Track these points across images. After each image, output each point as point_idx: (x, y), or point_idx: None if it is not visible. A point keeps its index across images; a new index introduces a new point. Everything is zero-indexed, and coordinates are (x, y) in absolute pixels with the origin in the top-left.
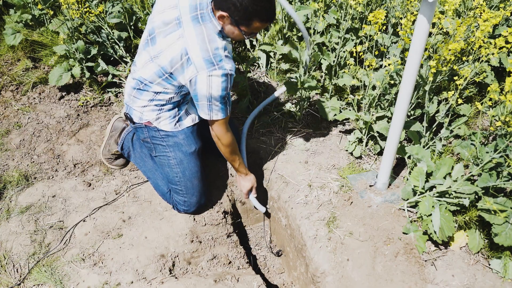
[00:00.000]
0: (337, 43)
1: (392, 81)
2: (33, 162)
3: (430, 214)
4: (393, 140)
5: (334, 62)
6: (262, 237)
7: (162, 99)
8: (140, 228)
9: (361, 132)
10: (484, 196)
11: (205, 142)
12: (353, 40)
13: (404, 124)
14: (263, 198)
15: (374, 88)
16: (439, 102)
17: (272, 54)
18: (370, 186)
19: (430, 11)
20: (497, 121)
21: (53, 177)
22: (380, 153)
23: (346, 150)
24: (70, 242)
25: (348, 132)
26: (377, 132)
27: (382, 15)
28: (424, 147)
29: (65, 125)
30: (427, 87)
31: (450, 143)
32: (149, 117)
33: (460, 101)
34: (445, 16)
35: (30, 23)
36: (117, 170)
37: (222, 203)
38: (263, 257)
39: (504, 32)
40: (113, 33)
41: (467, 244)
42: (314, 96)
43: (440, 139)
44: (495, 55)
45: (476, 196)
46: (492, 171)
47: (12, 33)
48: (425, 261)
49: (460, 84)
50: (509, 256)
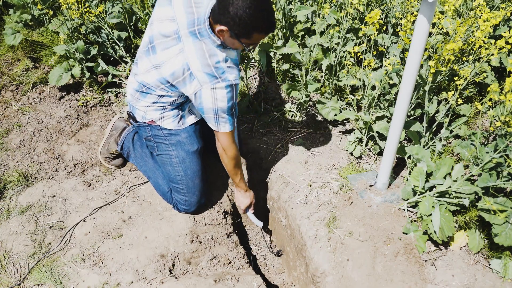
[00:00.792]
0: (337, 43)
1: (392, 81)
2: (33, 162)
3: (430, 214)
4: (393, 140)
5: (334, 62)
6: (262, 237)
7: (166, 102)
8: (140, 228)
9: (361, 132)
10: (484, 196)
11: (206, 142)
12: (353, 40)
13: (404, 124)
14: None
15: (374, 88)
16: (439, 102)
17: (272, 54)
18: (370, 186)
19: (430, 11)
20: (497, 121)
21: (53, 177)
22: (380, 153)
23: (346, 150)
24: (70, 242)
25: (348, 132)
26: (377, 132)
27: (377, 15)
28: (424, 147)
29: (65, 125)
30: (427, 87)
31: (450, 143)
32: (153, 116)
33: (460, 101)
34: (445, 16)
35: (30, 23)
36: (117, 170)
37: (222, 203)
38: (263, 257)
39: (505, 33)
40: (113, 33)
41: (467, 244)
42: (314, 96)
43: (440, 139)
44: (495, 56)
45: (476, 196)
46: (492, 171)
47: (12, 33)
48: (425, 261)
49: (460, 84)
50: (509, 256)
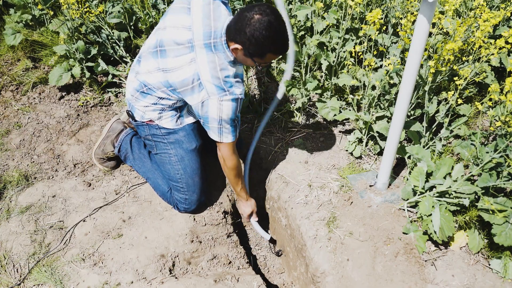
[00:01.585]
0: (337, 43)
1: (392, 81)
2: (33, 162)
3: (430, 214)
4: (393, 140)
5: (334, 62)
6: (262, 237)
7: (165, 104)
8: (140, 228)
9: (361, 132)
10: (484, 196)
11: (206, 141)
12: (353, 40)
13: (404, 124)
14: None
15: (374, 88)
16: (439, 102)
17: None
18: (370, 186)
19: (430, 11)
20: (497, 121)
21: (53, 177)
22: (380, 153)
23: (346, 150)
24: (70, 242)
25: (348, 132)
26: (377, 132)
27: (378, 14)
28: (424, 147)
29: (65, 125)
30: (427, 87)
31: (450, 143)
32: (151, 116)
33: (460, 101)
34: (445, 16)
35: (30, 23)
36: (117, 170)
37: (222, 203)
38: (263, 257)
39: (505, 33)
40: (113, 33)
41: (467, 244)
42: (314, 96)
43: (440, 139)
44: (495, 55)
45: (476, 196)
46: (492, 171)
47: (12, 33)
48: (425, 261)
49: (460, 84)
50: (509, 256)
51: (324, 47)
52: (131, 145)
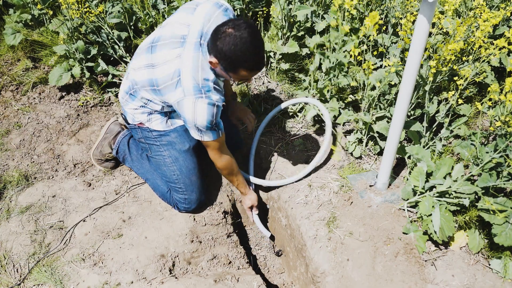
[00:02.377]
0: (337, 44)
1: (392, 82)
2: (33, 162)
3: (430, 214)
4: (393, 140)
5: (334, 63)
6: (263, 237)
7: (152, 108)
8: (140, 228)
9: (361, 133)
10: (484, 196)
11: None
12: (353, 41)
13: (404, 124)
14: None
15: (374, 89)
16: (439, 102)
17: (272, 54)
18: (370, 186)
19: (430, 11)
20: (497, 121)
21: (53, 177)
22: (380, 153)
23: (346, 150)
24: (70, 242)
25: (348, 133)
26: (377, 132)
27: (376, 18)
28: (424, 147)
29: (65, 125)
30: (427, 87)
31: (450, 143)
32: (141, 119)
33: (460, 101)
34: (445, 16)
35: (30, 23)
36: (117, 170)
37: (222, 203)
38: (263, 257)
39: (507, 33)
40: (113, 33)
41: (467, 244)
42: (314, 97)
43: (440, 139)
44: (497, 56)
45: (476, 196)
46: (492, 171)
47: (12, 33)
48: (425, 261)
49: (461, 84)
50: (509, 256)
51: (324, 48)
52: (129, 147)
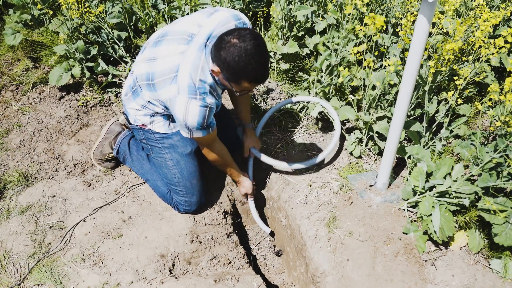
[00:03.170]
0: (337, 44)
1: (392, 82)
2: (33, 162)
3: (430, 214)
4: (393, 140)
5: (335, 62)
6: (263, 237)
7: (153, 110)
8: (140, 228)
9: (361, 132)
10: (484, 196)
11: None
12: (353, 40)
13: (404, 124)
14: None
15: (374, 88)
16: (439, 102)
17: (272, 54)
18: (370, 186)
19: (430, 11)
20: (497, 121)
21: (53, 177)
22: (380, 153)
23: (346, 150)
24: (70, 242)
25: (348, 132)
26: (377, 132)
27: (381, 22)
28: (424, 147)
29: (65, 125)
30: (427, 87)
31: (450, 143)
32: (143, 121)
33: (460, 101)
34: (445, 16)
35: (30, 23)
36: (117, 170)
37: (222, 203)
38: (263, 257)
39: (504, 32)
40: (113, 33)
41: (467, 244)
42: (316, 95)
43: (440, 139)
44: (495, 55)
45: (476, 196)
46: (492, 171)
47: (12, 33)
48: (425, 261)
49: (460, 84)
50: (509, 256)
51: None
52: (129, 147)
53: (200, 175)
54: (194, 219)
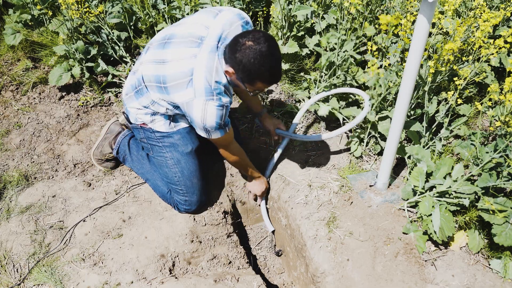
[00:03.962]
0: (336, 44)
1: (392, 82)
2: (33, 162)
3: (430, 214)
4: (393, 140)
5: (338, 62)
6: (263, 237)
7: (155, 110)
8: (140, 228)
9: (362, 132)
10: (484, 196)
11: (205, 142)
12: (353, 41)
13: (404, 124)
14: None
15: (375, 89)
16: (439, 102)
17: None
18: (370, 186)
19: (430, 11)
20: (497, 121)
21: (53, 177)
22: (380, 153)
23: (346, 148)
24: (70, 242)
25: (348, 132)
26: (378, 133)
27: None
28: (424, 147)
29: (65, 125)
30: (427, 87)
31: (450, 143)
32: (144, 119)
33: (460, 101)
34: (445, 16)
35: (30, 23)
36: (117, 170)
37: (222, 203)
38: (263, 257)
39: (504, 32)
40: (113, 33)
41: (467, 244)
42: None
43: (440, 139)
44: (495, 55)
45: (476, 196)
46: (492, 171)
47: (12, 33)
48: (425, 261)
49: (460, 84)
50: (509, 256)
51: (324, 48)
52: (129, 147)
53: (201, 174)
54: (194, 219)
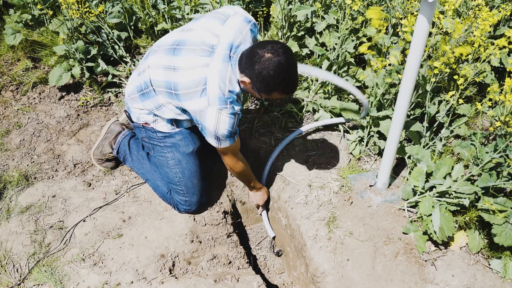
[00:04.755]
0: (337, 44)
1: (392, 82)
2: (33, 162)
3: (430, 214)
4: (393, 140)
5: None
6: (263, 237)
7: (160, 116)
8: (140, 228)
9: (363, 132)
10: (484, 196)
11: (204, 143)
12: (353, 41)
13: (404, 124)
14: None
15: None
16: (439, 102)
17: None
18: (370, 186)
19: (430, 11)
20: (497, 121)
21: (53, 177)
22: (380, 153)
23: (346, 148)
24: (70, 242)
25: (348, 132)
26: (378, 132)
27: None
28: (424, 147)
29: (65, 125)
30: (429, 87)
31: (450, 143)
32: (147, 119)
33: (461, 101)
34: (445, 16)
35: (30, 23)
36: (117, 170)
37: (222, 203)
38: (263, 257)
39: (507, 33)
40: (113, 33)
41: (467, 244)
42: (314, 96)
43: (440, 139)
44: (497, 56)
45: (476, 196)
46: (492, 171)
47: (12, 33)
48: (425, 261)
49: (461, 84)
50: (509, 256)
51: (324, 47)
52: (129, 147)
53: (201, 175)
54: (194, 219)
